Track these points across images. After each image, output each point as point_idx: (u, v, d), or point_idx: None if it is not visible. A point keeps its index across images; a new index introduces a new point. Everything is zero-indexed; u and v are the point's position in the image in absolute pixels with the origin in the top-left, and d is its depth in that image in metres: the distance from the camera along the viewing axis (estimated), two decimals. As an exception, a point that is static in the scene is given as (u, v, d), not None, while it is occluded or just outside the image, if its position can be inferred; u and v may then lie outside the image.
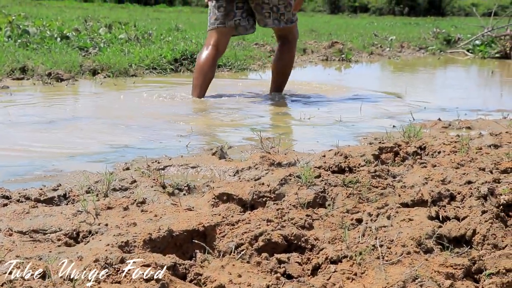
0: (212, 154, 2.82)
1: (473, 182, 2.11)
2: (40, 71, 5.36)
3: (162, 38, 8.79)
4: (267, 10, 4.70)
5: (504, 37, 10.30)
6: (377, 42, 11.50)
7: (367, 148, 2.81)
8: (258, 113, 4.29)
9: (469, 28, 14.98)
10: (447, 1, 40.55)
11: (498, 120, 3.87)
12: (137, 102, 4.56)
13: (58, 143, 3.17)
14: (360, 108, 4.40)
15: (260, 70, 7.08)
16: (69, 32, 8.06)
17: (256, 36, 10.49)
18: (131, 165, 2.64)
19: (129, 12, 23.94)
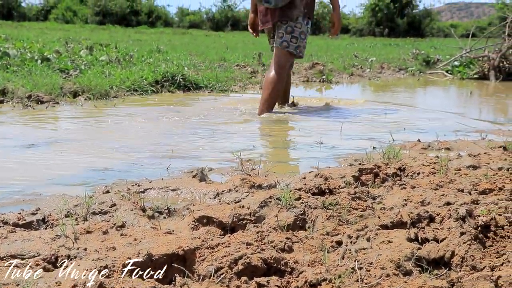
0: (192, 176, 2.82)
1: (452, 204, 2.12)
2: (20, 93, 5.34)
3: (143, 60, 8.80)
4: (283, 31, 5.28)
5: (482, 58, 10.41)
6: (358, 63, 11.59)
7: (347, 170, 2.82)
8: (238, 134, 4.29)
9: (448, 49, 15.14)
10: (426, 23, 40.96)
11: (477, 141, 3.90)
12: (117, 124, 4.54)
13: (38, 166, 3.15)
14: (340, 129, 4.42)
15: (241, 91, 7.09)
16: (50, 54, 8.03)
17: (237, 57, 10.54)
18: (111, 188, 2.63)
19: (110, 33, 23.95)
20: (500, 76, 9.91)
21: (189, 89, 6.71)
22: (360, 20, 41.29)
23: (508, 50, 10.20)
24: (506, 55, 10.15)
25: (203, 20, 44.48)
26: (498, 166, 2.80)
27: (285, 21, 5.26)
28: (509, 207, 2.00)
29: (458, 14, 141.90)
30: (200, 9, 45.84)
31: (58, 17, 41.23)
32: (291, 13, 5.25)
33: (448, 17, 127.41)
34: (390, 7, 39.32)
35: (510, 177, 2.52)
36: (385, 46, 21.04)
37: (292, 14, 5.25)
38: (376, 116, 5.33)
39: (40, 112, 4.98)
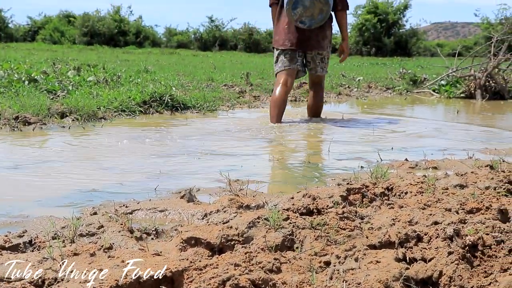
0: (180, 197, 2.81)
1: (440, 223, 2.13)
2: (7, 114, 5.32)
3: (131, 80, 8.80)
4: (319, 60, 6.22)
5: (469, 78, 10.49)
6: (345, 82, 11.64)
7: (335, 190, 2.82)
8: (227, 154, 4.29)
9: (435, 69, 15.24)
10: (412, 42, 41.27)
11: (464, 160, 3.92)
12: (105, 145, 4.54)
13: (25, 188, 3.14)
14: (328, 149, 4.44)
15: (230, 111, 7.11)
16: (37, 75, 8.02)
17: (225, 77, 10.57)
18: (98, 209, 2.63)
19: (98, 54, 23.96)
20: (486, 95, 9.99)
21: (177, 109, 6.71)
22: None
23: (494, 69, 10.29)
24: (492, 74, 10.23)
25: (191, 40, 44.60)
26: (485, 185, 2.81)
27: (321, 52, 6.20)
28: (496, 226, 2.01)
29: (444, 33, 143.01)
30: (188, 29, 45.93)
31: (46, 37, 41.24)
32: (324, 44, 6.19)
33: (435, 36, 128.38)
34: (377, 27, 39.61)
35: (497, 196, 2.53)
36: (372, 65, 21.16)
37: (325, 45, 6.20)
38: (364, 134, 5.35)
39: (27, 133, 4.97)
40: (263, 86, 9.83)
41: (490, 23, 40.14)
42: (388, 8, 40.39)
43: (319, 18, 5.93)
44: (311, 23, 5.92)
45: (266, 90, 9.23)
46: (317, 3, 5.85)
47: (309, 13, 5.88)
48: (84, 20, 41.53)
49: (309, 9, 5.87)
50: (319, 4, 5.86)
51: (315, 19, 5.92)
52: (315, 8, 5.87)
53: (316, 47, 6.12)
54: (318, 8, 5.88)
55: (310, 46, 6.10)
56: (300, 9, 5.86)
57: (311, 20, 5.92)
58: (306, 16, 5.89)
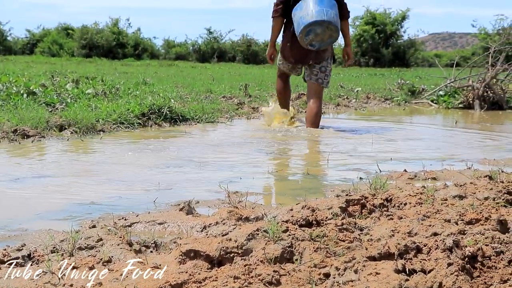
0: (179, 209, 2.81)
1: (439, 234, 2.13)
2: (6, 128, 5.32)
3: (129, 93, 8.80)
4: (317, 70, 6.58)
5: (467, 88, 10.51)
6: (344, 93, 11.66)
7: (334, 201, 2.82)
8: (225, 166, 4.29)
9: (433, 79, 15.27)
10: (410, 53, 41.34)
11: (463, 171, 3.92)
12: (104, 158, 4.54)
13: (24, 201, 3.14)
14: (327, 159, 4.44)
15: (228, 123, 7.11)
16: (36, 88, 8.02)
17: (223, 88, 10.59)
18: (97, 222, 2.62)
19: (97, 66, 24.00)
20: (484, 106, 10.00)
21: (176, 121, 6.71)
22: (346, 51, 41.57)
23: (492, 79, 10.31)
24: (490, 85, 10.25)
25: (189, 52, 44.64)
26: (484, 196, 2.81)
27: (319, 62, 6.54)
28: (496, 237, 2.01)
29: (442, 44, 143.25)
30: (186, 41, 45.97)
31: (44, 50, 41.29)
32: (324, 55, 6.52)
33: (432, 47, 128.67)
34: (375, 38, 39.68)
35: (496, 207, 2.53)
36: (370, 76, 21.20)
37: (324, 56, 6.53)
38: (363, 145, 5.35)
39: (26, 146, 4.97)
40: (262, 97, 9.84)
41: (487, 33, 40.25)
42: (386, 19, 40.48)
43: (328, 42, 6.32)
44: (320, 45, 6.30)
45: (265, 102, 9.24)
46: (327, 31, 6.18)
47: (319, 38, 6.22)
48: (83, 33, 41.59)
49: (319, 35, 6.20)
50: (329, 32, 6.19)
51: (324, 42, 6.29)
52: (326, 34, 6.20)
53: (315, 59, 6.51)
54: (328, 34, 6.21)
55: (310, 60, 6.53)
56: (311, 36, 6.21)
57: (321, 43, 6.28)
58: (317, 41, 6.25)
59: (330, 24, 6.13)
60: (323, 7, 6.13)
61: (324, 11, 6.12)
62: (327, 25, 6.13)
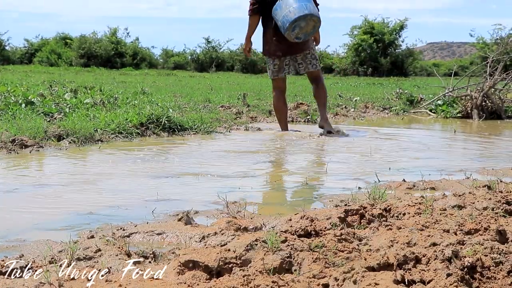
0: (178, 219, 2.81)
1: (438, 244, 2.12)
2: (4, 138, 5.31)
3: (128, 102, 8.81)
4: (310, 59, 7.12)
5: (465, 97, 10.52)
6: (342, 102, 11.67)
7: (333, 211, 2.82)
8: (224, 175, 4.29)
9: (431, 88, 15.30)
10: (409, 62, 41.43)
11: (462, 181, 3.92)
12: (102, 168, 4.53)
13: (22, 211, 3.13)
14: (326, 169, 4.44)
15: (227, 132, 7.11)
16: (34, 97, 8.03)
17: (221, 98, 10.60)
18: (95, 233, 2.62)
19: (95, 76, 24.03)
20: (483, 115, 10.01)
21: (174, 131, 6.71)
22: (344, 60, 41.67)
23: (490, 89, 10.32)
24: (488, 94, 10.26)
25: (187, 61, 44.74)
26: (483, 206, 2.81)
27: (308, 50, 7.08)
28: (495, 248, 2.01)
29: (440, 53, 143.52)
30: (184, 50, 46.08)
31: (43, 60, 41.37)
32: (309, 44, 7.08)
33: (431, 56, 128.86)
34: (373, 47, 39.77)
35: (495, 217, 2.53)
36: (369, 85, 21.24)
37: (310, 44, 7.09)
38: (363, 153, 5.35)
39: (24, 156, 4.96)
40: (260, 107, 9.85)
41: (485, 43, 40.33)
42: (384, 28, 40.57)
43: (312, 32, 6.83)
44: (305, 36, 6.82)
45: (263, 111, 9.25)
46: (311, 22, 6.69)
47: (304, 30, 6.72)
48: (81, 42, 41.67)
49: (304, 28, 6.70)
50: (312, 23, 6.71)
51: (309, 33, 6.81)
52: (309, 26, 6.71)
53: (302, 49, 7.03)
54: (312, 25, 6.72)
55: (297, 50, 7.03)
56: (297, 30, 6.68)
57: (305, 34, 6.79)
58: (302, 33, 6.75)
59: (312, 16, 6.64)
60: (301, 3, 6.61)
61: (304, 6, 6.60)
62: (310, 17, 6.62)
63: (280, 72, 7.16)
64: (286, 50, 7.01)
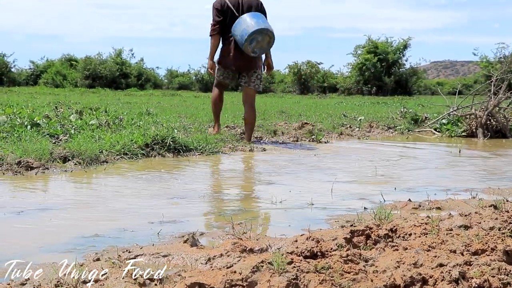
0: (183, 241, 2.80)
1: (445, 265, 2.12)
2: (10, 160, 5.32)
3: (133, 123, 8.82)
4: (254, 78, 7.94)
5: (470, 116, 10.52)
6: (347, 122, 11.67)
7: (339, 232, 2.82)
8: (229, 196, 4.29)
9: (436, 107, 15.30)
10: (413, 81, 41.46)
11: (467, 200, 3.91)
12: (107, 189, 4.54)
13: (27, 233, 3.13)
14: (331, 189, 4.43)
15: (232, 153, 7.11)
16: (39, 119, 8.05)
17: (226, 119, 10.61)
18: (101, 255, 2.61)
19: (100, 96, 24.11)
20: (488, 134, 10.00)
21: (179, 152, 6.71)
22: (348, 79, 41.76)
23: (494, 108, 10.32)
24: (493, 113, 10.26)
25: (192, 82, 44.90)
26: (489, 226, 2.80)
27: (256, 69, 7.91)
28: (502, 268, 2.00)
29: (444, 72, 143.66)
30: (189, 71, 46.27)
31: (48, 81, 41.55)
32: (259, 63, 7.92)
33: (435, 75, 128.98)
34: (377, 66, 39.84)
35: (502, 237, 2.52)
36: (373, 104, 21.25)
37: (259, 64, 7.92)
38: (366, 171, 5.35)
39: (29, 178, 4.97)
40: (265, 127, 9.85)
41: (489, 61, 40.39)
42: (388, 47, 40.68)
43: (266, 48, 7.69)
44: (260, 51, 7.68)
45: (268, 131, 9.25)
46: (266, 37, 7.54)
47: (259, 45, 7.57)
48: (86, 63, 41.86)
49: (260, 42, 7.55)
50: (268, 38, 7.55)
51: (264, 49, 7.68)
52: (265, 41, 7.56)
53: (253, 67, 7.88)
54: (267, 40, 7.57)
55: (249, 68, 7.88)
56: (254, 43, 7.52)
57: (261, 49, 7.65)
58: (257, 48, 7.60)
59: (268, 30, 7.49)
60: (258, 19, 7.50)
61: (261, 22, 7.49)
62: (266, 31, 7.47)
63: (227, 80, 8.16)
64: (239, 66, 7.87)
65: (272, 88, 43.20)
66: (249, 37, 7.43)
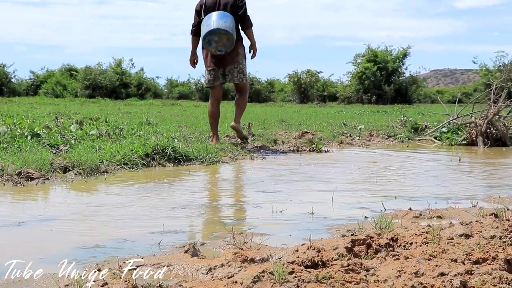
0: (184, 251, 2.80)
1: (446, 274, 2.12)
2: (10, 170, 5.32)
3: (133, 133, 8.83)
4: (236, 72, 8.28)
5: (470, 125, 10.52)
6: (347, 131, 11.67)
7: (340, 241, 2.81)
8: (230, 206, 4.29)
9: (436, 116, 15.29)
10: (412, 89, 41.46)
11: (468, 209, 3.91)
12: (108, 200, 4.54)
13: (27, 244, 3.13)
14: (332, 198, 4.43)
15: (232, 162, 7.11)
16: (39, 129, 8.05)
17: (226, 127, 10.62)
18: (102, 266, 2.61)
19: (100, 106, 24.11)
20: (488, 142, 10.00)
21: (180, 161, 6.71)
22: (348, 88, 41.76)
23: (494, 116, 10.33)
24: (493, 121, 10.27)
25: (192, 91, 44.90)
26: (490, 234, 2.80)
27: (236, 64, 8.25)
28: (504, 277, 2.00)
29: (444, 80, 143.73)
30: (189, 80, 46.25)
31: (48, 91, 41.55)
32: (238, 58, 8.24)
33: (434, 83, 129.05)
34: (377, 75, 39.84)
35: (503, 246, 2.51)
36: (373, 113, 21.25)
37: (238, 58, 8.25)
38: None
39: (30, 188, 4.97)
40: (265, 136, 9.85)
41: (488, 70, 40.44)
42: (387, 56, 40.68)
43: (229, 44, 7.94)
44: (226, 49, 8.00)
45: (268, 141, 9.25)
46: (223, 36, 7.85)
47: (220, 43, 7.92)
48: (86, 74, 41.86)
49: (219, 42, 7.90)
50: (224, 36, 7.85)
51: (226, 46, 7.96)
52: (223, 39, 7.88)
53: (231, 62, 8.23)
54: (225, 38, 7.87)
55: (227, 63, 8.24)
56: (214, 44, 7.92)
57: (225, 47, 7.97)
58: (220, 46, 7.95)
59: (220, 30, 7.79)
60: (215, 20, 7.83)
61: (213, 23, 7.80)
62: (218, 31, 7.80)
63: (216, 81, 8.36)
64: (216, 62, 8.23)
65: (272, 97, 43.24)
66: (204, 40, 7.94)
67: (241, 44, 8.37)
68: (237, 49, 8.21)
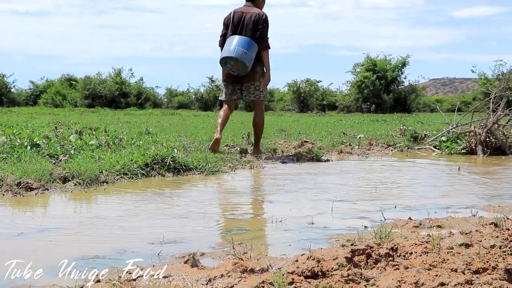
0: (184, 262, 2.80)
1: (446, 284, 2.12)
2: (10, 181, 5.32)
3: (132, 143, 8.82)
4: (253, 90, 8.45)
5: (469, 134, 10.53)
6: (346, 140, 11.67)
7: (340, 251, 2.81)
8: (230, 215, 4.28)
9: (435, 125, 15.30)
10: (412, 98, 41.50)
11: (468, 218, 3.91)
12: (107, 210, 4.53)
13: (27, 255, 3.12)
14: (331, 208, 4.43)
15: (232, 172, 7.11)
16: (39, 139, 8.05)
17: (226, 137, 10.62)
18: (102, 276, 2.60)
19: (100, 116, 24.11)
20: (487, 151, 10.00)
21: (179, 171, 6.71)
22: (347, 97, 41.79)
23: (494, 125, 10.33)
24: (492, 130, 10.27)
25: (191, 101, 44.94)
26: (490, 244, 2.79)
27: (253, 82, 8.40)
28: (504, 287, 1.99)
29: (443, 89, 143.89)
30: (188, 90, 46.29)
31: (48, 101, 41.59)
32: (255, 76, 8.38)
33: (433, 92, 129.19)
34: (376, 84, 39.88)
35: (503, 255, 2.51)
36: (372, 122, 21.26)
37: (255, 76, 8.39)
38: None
39: (29, 199, 4.97)
40: (265, 145, 9.85)
41: (487, 78, 40.50)
42: (387, 65, 40.73)
43: (243, 71, 8.19)
44: (238, 72, 8.23)
45: (268, 150, 9.25)
46: (239, 64, 8.10)
47: (235, 68, 8.18)
48: (86, 83, 41.91)
49: (234, 66, 8.15)
50: (240, 65, 8.10)
51: (241, 71, 8.20)
52: (238, 65, 8.13)
53: (248, 80, 8.39)
54: (241, 66, 8.12)
55: (244, 80, 8.41)
56: (229, 65, 8.19)
57: (239, 71, 8.21)
58: (234, 69, 8.20)
59: (237, 60, 8.03)
60: (236, 46, 8.03)
61: (235, 50, 8.01)
62: (235, 60, 8.05)
63: (233, 95, 8.59)
64: (233, 79, 8.43)
65: (271, 106, 43.25)
66: (222, 60, 8.22)
67: (260, 64, 8.45)
68: (255, 67, 8.33)
